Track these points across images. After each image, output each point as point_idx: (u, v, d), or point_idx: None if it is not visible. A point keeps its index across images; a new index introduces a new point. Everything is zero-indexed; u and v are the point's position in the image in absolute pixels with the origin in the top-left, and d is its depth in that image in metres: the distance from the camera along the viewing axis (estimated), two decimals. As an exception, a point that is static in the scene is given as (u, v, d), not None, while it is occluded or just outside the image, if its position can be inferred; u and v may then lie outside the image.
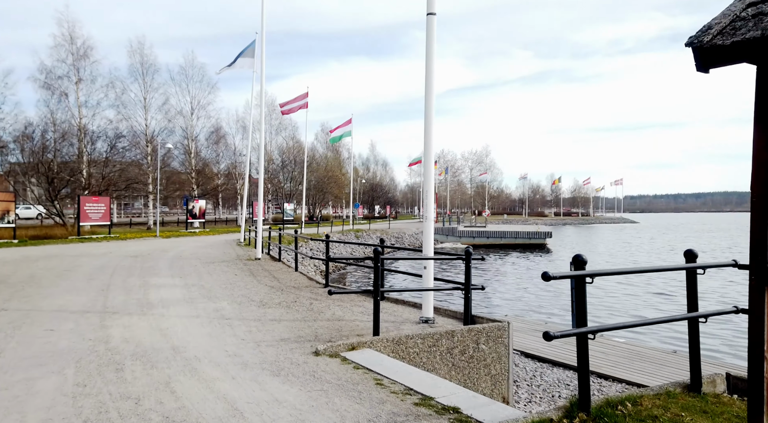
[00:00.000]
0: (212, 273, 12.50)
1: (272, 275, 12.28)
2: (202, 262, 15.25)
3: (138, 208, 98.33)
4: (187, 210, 36.38)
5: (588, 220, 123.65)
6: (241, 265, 14.47)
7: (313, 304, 8.34)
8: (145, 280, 11.12)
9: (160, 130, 43.89)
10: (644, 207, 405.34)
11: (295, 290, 9.90)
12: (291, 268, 14.13)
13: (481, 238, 47.76)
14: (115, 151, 37.88)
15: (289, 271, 13.14)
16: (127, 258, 16.51)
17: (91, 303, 8.29)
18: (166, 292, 9.51)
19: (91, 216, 27.20)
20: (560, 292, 19.23)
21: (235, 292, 9.51)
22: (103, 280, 10.93)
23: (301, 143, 66.24)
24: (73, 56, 36.73)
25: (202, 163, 51.71)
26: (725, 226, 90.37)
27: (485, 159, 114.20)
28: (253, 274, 12.53)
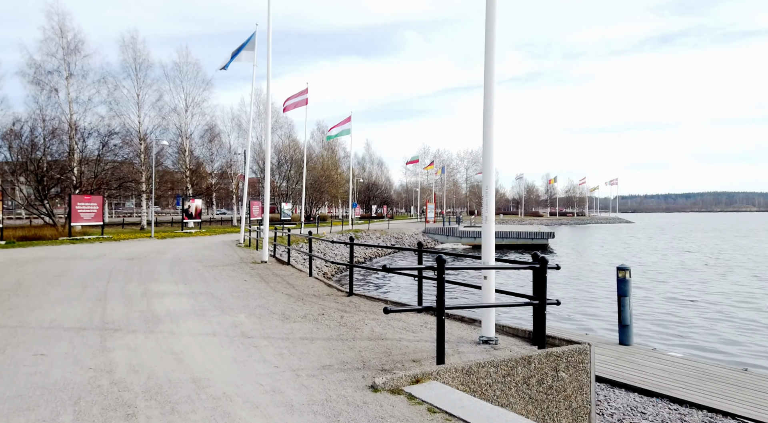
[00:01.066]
0: (219, 279, 11.41)
1: (286, 281, 11.21)
2: (204, 266, 14.14)
3: (129, 208, 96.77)
4: (182, 209, 35.13)
5: (583, 220, 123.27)
6: (249, 270, 13.37)
7: (344, 317, 7.28)
8: (146, 287, 10.01)
9: (153, 127, 42.66)
10: (636, 207, 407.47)
11: (317, 299, 8.83)
12: (303, 272, 13.05)
13: (481, 238, 46.73)
14: (107, 149, 36.57)
15: (302, 277, 12.07)
16: (123, 261, 15.36)
17: (87, 317, 7.19)
18: (171, 302, 8.42)
19: (82, 216, 25.94)
20: (589, 299, 18.26)
21: (250, 302, 8.44)
22: (100, 288, 9.81)
23: (297, 141, 65.15)
24: (64, 50, 35.44)
25: (196, 162, 50.46)
26: (729, 226, 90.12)
27: (481, 159, 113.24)
28: (264, 279, 11.45)
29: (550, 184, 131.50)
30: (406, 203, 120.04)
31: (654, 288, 20.35)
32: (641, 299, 17.22)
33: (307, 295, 9.27)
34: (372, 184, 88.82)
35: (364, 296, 9.07)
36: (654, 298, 18.03)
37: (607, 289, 19.28)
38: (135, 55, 41.31)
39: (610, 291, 18.42)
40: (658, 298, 18.06)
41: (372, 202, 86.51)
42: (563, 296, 18.18)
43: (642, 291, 18.97)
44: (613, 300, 11.68)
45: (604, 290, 19.47)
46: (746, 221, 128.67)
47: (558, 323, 13.03)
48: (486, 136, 5.81)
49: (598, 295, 18.72)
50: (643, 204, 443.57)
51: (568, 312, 15.40)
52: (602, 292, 19.21)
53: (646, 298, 17.80)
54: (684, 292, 19.27)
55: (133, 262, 15.21)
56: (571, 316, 14.90)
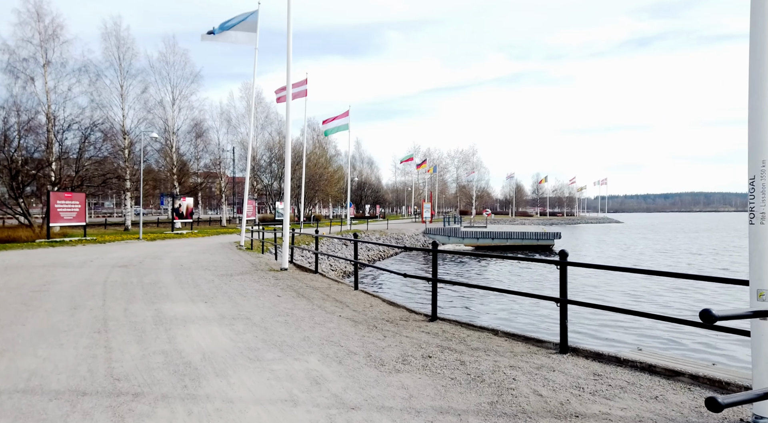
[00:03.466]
0: (244, 294, 9.02)
1: (330, 297, 8.88)
2: (216, 275, 11.72)
3: (109, 208, 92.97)
4: (172, 209, 32.40)
5: (573, 219, 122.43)
6: (272, 280, 11.00)
7: (466, 363, 4.99)
8: (156, 308, 7.61)
9: (138, 121, 39.77)
10: (617, 207, 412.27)
11: (395, 327, 6.54)
12: (340, 282, 10.73)
13: (485, 239, 44.87)
14: (89, 143, 33.67)
15: (346, 290, 9.73)
16: (116, 269, 12.85)
17: (85, 366, 4.80)
18: (200, 333, 6.05)
19: (63, 215, 23.19)
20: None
21: (308, 333, 6.12)
22: (95, 310, 7.39)
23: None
24: (41, 35, 32.49)
25: (184, 159, 47.57)
26: (718, 226, 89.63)
27: (472, 158, 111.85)
28: (302, 294, 9.10)
29: (541, 183, 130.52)
30: (396, 203, 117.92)
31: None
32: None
33: (376, 320, 6.97)
34: (364, 183, 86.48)
35: (456, 323, 6.79)
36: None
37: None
38: (118, 44, 38.44)
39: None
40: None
41: (364, 201, 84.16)
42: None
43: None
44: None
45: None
46: (729, 221, 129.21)
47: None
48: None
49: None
50: (624, 204, 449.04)
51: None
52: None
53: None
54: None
55: (128, 270, 12.71)
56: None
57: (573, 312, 12.73)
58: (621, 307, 5.12)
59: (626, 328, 12.03)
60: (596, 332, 11.59)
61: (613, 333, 11.63)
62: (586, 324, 12.20)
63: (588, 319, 12.57)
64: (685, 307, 15.18)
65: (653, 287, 18.40)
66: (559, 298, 5.29)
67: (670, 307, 15.18)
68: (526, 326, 12.01)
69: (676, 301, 15.94)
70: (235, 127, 55.05)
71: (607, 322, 12.39)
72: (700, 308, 2.88)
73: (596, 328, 11.92)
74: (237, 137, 55.31)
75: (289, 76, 13.88)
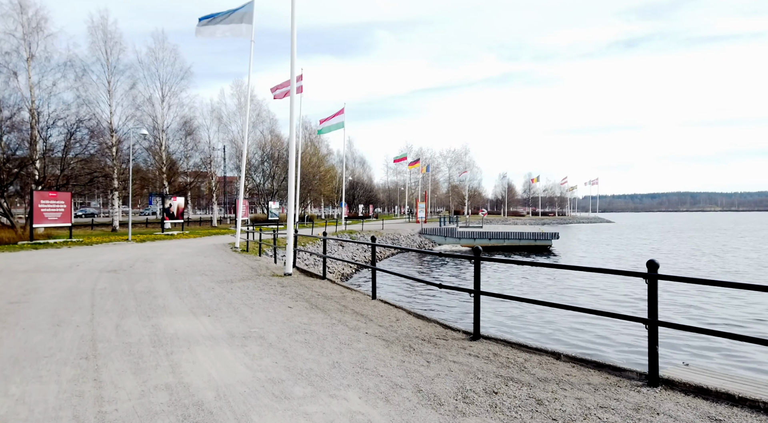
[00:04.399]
0: (251, 304, 8.04)
1: (347, 308, 7.93)
2: (215, 281, 10.72)
3: (95, 207, 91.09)
4: (163, 209, 31.18)
5: (565, 219, 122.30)
6: (277, 287, 10.02)
7: (547, 403, 4.06)
8: (153, 323, 6.61)
9: (126, 118, 38.45)
10: (605, 206, 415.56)
11: (433, 348, 5.61)
12: (351, 289, 9.78)
13: (482, 239, 44.11)
14: (75, 140, 32.34)
15: (362, 299, 8.77)
16: (105, 274, 11.79)
17: (70, 413, 3.79)
18: (208, 357, 5.08)
19: (47, 216, 21.97)
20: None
21: (337, 358, 5.16)
22: (81, 327, 6.38)
23: (280, 137, 61.34)
24: (24, 28, 31.09)
25: (174, 157, 46.23)
26: (708, 225, 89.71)
27: (464, 157, 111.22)
28: (315, 305, 8.14)
29: (533, 182, 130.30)
30: (388, 202, 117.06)
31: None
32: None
33: (409, 338, 6.03)
34: (356, 183, 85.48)
35: (503, 342, 5.87)
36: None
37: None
38: (105, 38, 37.11)
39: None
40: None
41: (356, 201, 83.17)
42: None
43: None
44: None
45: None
46: (715, 220, 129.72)
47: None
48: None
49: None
50: (612, 204, 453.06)
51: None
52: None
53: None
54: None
55: (117, 275, 11.65)
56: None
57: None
58: (726, 331, 4.20)
59: (726, 351, 10.31)
60: (680, 354, 10.26)
61: (706, 357, 10.05)
62: (677, 346, 10.46)
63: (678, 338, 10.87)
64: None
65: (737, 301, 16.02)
66: (648, 319, 4.38)
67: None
68: (567, 341, 10.87)
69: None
70: (226, 125, 53.74)
71: (704, 344, 10.62)
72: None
73: (681, 349, 10.32)
74: (228, 135, 54.02)
75: (293, 68, 12.89)
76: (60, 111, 31.66)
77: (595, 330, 11.83)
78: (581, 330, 11.97)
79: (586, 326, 12.24)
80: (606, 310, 5.21)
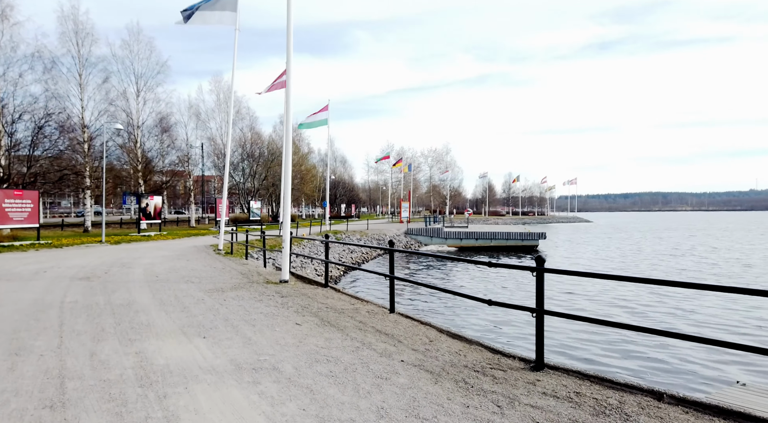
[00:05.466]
0: (251, 320, 6.84)
1: (364, 324, 6.79)
2: (204, 290, 9.46)
3: (66, 207, 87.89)
4: (139, 209, 29.51)
5: (545, 219, 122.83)
6: (277, 297, 8.82)
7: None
8: (137, 349, 5.38)
9: (99, 113, 36.49)
10: (580, 206, 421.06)
11: (498, 385, 4.52)
12: (362, 301, 8.64)
13: (469, 239, 43.34)
14: (43, 135, 30.45)
15: (380, 314, 7.63)
16: (76, 282, 10.42)
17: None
18: (214, 404, 3.90)
19: (12, 216, 20.27)
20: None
21: (379, 400, 4.04)
22: (46, 358, 5.12)
23: (260, 135, 59.70)
24: (-12, 15, 29.10)
25: (150, 155, 44.26)
26: (684, 226, 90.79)
27: (445, 157, 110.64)
28: (326, 320, 6.97)
29: (514, 182, 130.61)
30: (370, 202, 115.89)
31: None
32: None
33: (456, 368, 4.93)
34: (338, 182, 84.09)
35: (577, 374, 4.81)
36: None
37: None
38: (77, 29, 35.08)
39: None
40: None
41: (339, 200, 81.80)
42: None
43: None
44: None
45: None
46: (688, 220, 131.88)
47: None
48: None
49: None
50: (587, 204, 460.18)
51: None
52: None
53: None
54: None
55: (91, 284, 10.30)
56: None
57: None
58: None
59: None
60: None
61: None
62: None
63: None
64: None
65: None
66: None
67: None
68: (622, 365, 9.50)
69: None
70: (205, 122, 51.83)
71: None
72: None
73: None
74: (206, 133, 52.14)
75: (289, 67, 11.67)
76: (27, 105, 29.80)
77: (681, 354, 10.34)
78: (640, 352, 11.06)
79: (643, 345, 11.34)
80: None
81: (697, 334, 4.10)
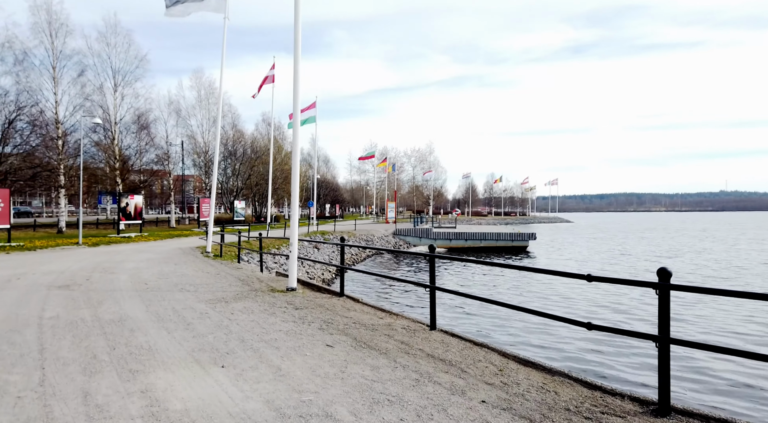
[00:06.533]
0: (271, 342, 5.73)
1: (409, 346, 5.73)
2: (204, 301, 8.29)
3: (37, 207, 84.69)
4: (119, 209, 27.90)
5: (527, 219, 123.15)
6: (291, 310, 7.70)
7: None
8: (142, 387, 4.23)
9: (74, 108, 34.62)
10: (558, 207, 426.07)
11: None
12: (390, 313, 7.59)
13: (458, 240, 42.54)
14: (14, 130, 28.64)
15: (419, 331, 6.57)
16: (55, 292, 9.14)
17: None
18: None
19: (-21, 216, 18.68)
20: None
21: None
22: (25, 401, 3.95)
23: (243, 133, 58.08)
24: (-47, 2, 27.21)
25: (127, 153, 42.37)
26: (662, 226, 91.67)
27: (428, 157, 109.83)
28: (362, 341, 5.89)
29: (496, 183, 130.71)
30: (353, 202, 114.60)
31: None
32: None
33: (554, 411, 3.92)
34: (321, 182, 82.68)
35: (714, 420, 3.82)
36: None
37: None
38: (50, 19, 33.16)
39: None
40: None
41: (322, 200, 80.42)
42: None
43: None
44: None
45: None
46: (664, 220, 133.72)
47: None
48: None
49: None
50: (564, 204, 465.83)
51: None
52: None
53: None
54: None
55: (72, 294, 9.02)
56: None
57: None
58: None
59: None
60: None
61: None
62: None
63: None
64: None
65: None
66: None
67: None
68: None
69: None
70: (185, 119, 50.00)
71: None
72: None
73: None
74: (186, 130, 50.34)
75: (297, 53, 10.52)
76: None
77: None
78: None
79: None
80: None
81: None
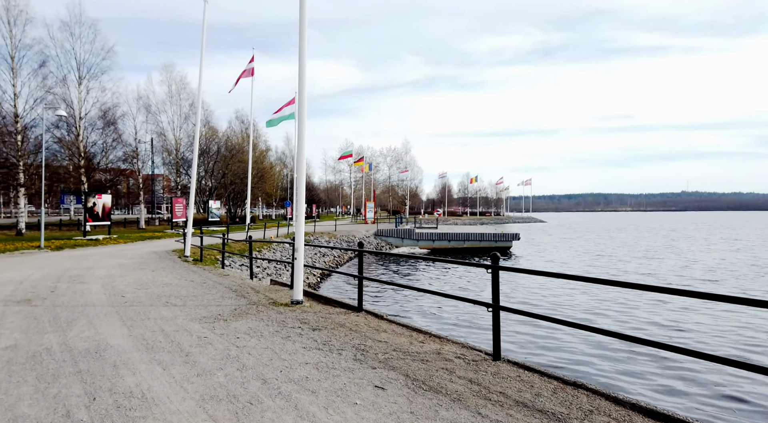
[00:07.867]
0: (302, 383, 4.40)
1: (479, 385, 4.49)
2: (197, 320, 6.88)
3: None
4: (86, 209, 25.83)
5: (501, 219, 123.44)
6: (306, 331, 6.37)
7: None
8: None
9: (35, 101, 32.28)
10: (528, 207, 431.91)
11: None
12: (430, 335, 6.34)
13: (441, 241, 41.58)
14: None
15: (478, 361, 5.33)
16: (12, 308, 7.56)
17: None
18: None
19: (-74, 218, 16.58)
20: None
21: None
22: None
23: (216, 130, 55.95)
24: None
25: (92, 150, 39.92)
26: (633, 226, 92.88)
27: (405, 156, 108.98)
28: (420, 381, 4.61)
29: (472, 183, 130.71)
30: (329, 202, 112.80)
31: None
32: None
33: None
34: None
35: None
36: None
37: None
38: (8, 5, 30.86)
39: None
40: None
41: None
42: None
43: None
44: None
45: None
46: (632, 220, 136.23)
47: None
48: None
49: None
50: (535, 204, 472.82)
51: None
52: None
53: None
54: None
55: (35, 310, 7.47)
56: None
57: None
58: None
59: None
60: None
61: None
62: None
63: None
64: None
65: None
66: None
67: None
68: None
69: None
70: (155, 114, 47.69)
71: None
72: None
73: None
74: (156, 127, 48.01)
75: (302, 52, 9.14)
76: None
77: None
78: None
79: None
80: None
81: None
